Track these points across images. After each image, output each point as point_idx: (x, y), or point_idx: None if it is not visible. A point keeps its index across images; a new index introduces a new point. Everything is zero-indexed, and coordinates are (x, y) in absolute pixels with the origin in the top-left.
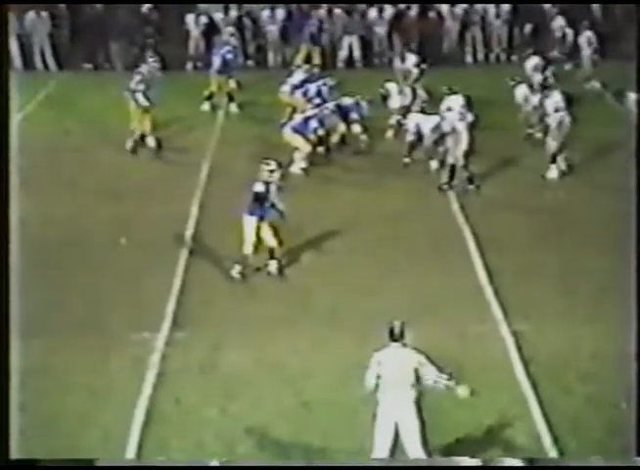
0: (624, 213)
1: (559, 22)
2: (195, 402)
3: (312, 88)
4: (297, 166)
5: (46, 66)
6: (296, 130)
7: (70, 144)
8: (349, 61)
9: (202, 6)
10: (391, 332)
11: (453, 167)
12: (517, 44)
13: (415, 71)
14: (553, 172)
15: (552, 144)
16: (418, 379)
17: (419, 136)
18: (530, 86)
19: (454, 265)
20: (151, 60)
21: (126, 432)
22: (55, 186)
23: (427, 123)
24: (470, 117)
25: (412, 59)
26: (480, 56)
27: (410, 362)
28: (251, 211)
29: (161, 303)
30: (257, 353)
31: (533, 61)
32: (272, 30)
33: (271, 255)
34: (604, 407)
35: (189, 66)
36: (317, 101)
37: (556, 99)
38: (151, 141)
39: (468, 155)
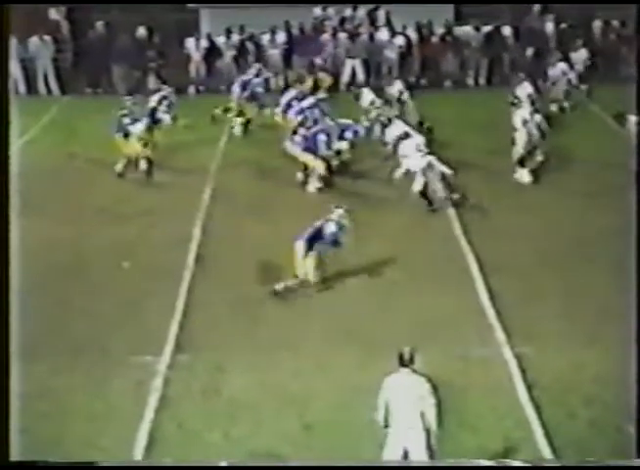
0: (626, 234)
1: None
2: (198, 426)
3: (303, 104)
4: (313, 186)
5: (49, 90)
6: (306, 149)
7: (73, 168)
8: (352, 84)
9: (203, 29)
10: (401, 358)
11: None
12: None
13: (403, 97)
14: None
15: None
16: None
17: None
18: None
19: (456, 288)
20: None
21: (128, 456)
22: (57, 210)
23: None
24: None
25: (398, 85)
26: (482, 80)
27: (419, 390)
28: (311, 244)
29: (164, 326)
30: (260, 377)
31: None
32: (273, 54)
33: (302, 283)
34: (608, 431)
35: (191, 89)
36: (306, 115)
37: (523, 113)
38: (143, 164)
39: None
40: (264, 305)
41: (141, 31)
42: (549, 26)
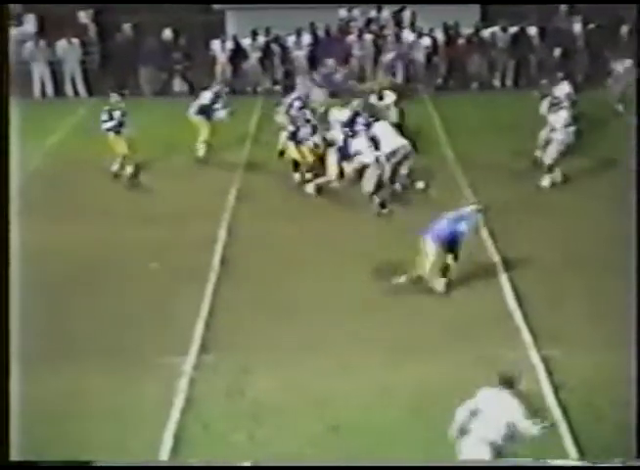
0: None
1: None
2: (222, 427)
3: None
4: (312, 188)
5: (76, 92)
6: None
7: (101, 169)
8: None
9: (229, 31)
10: (504, 378)
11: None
12: (547, 68)
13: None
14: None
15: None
16: (511, 433)
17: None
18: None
19: (482, 290)
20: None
21: (154, 457)
22: (85, 210)
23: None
24: None
25: (391, 97)
26: (509, 81)
27: (509, 415)
28: (442, 241)
29: (190, 326)
30: (286, 378)
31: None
32: (299, 56)
33: (443, 273)
34: (635, 433)
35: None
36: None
37: (564, 114)
38: (129, 168)
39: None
40: (290, 305)
41: (167, 33)
42: (577, 27)
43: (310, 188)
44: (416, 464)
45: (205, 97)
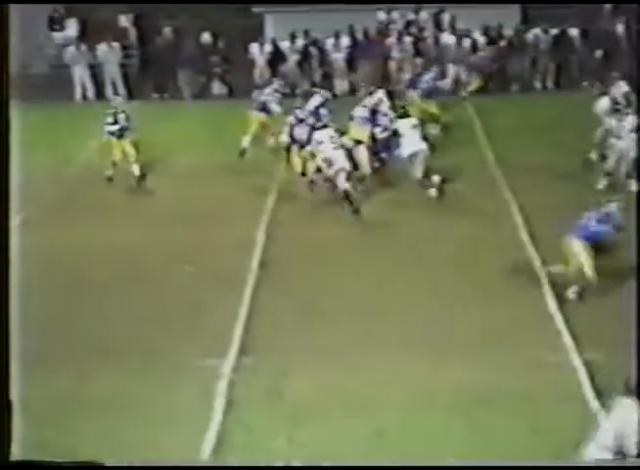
0: None
1: None
2: (262, 430)
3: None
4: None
5: (117, 95)
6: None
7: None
8: None
9: (267, 34)
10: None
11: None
12: (588, 70)
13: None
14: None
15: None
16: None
17: None
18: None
19: (523, 293)
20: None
21: (196, 459)
22: (122, 214)
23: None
24: None
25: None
26: (550, 83)
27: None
28: (588, 241)
29: (229, 329)
30: (325, 380)
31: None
32: (337, 58)
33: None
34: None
35: (255, 94)
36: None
37: (631, 122)
38: (136, 169)
39: None
40: (329, 308)
41: (206, 37)
42: (620, 28)
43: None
44: (416, 464)
45: (266, 93)
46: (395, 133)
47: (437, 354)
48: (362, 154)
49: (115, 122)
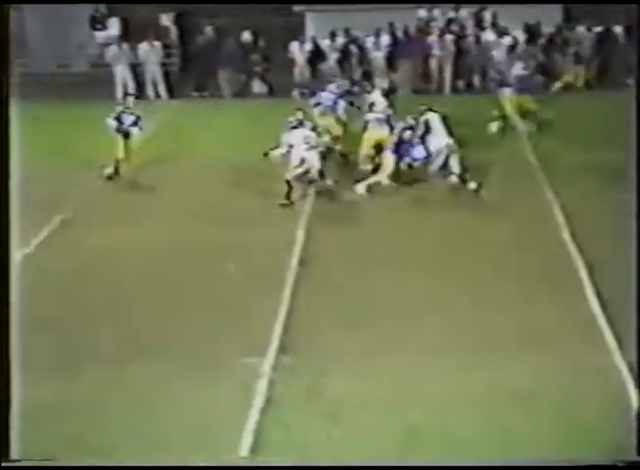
0: None
1: None
2: (301, 428)
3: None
4: (362, 188)
5: (157, 94)
6: (399, 155)
7: (180, 170)
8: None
9: (308, 33)
10: None
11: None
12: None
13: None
14: None
15: None
16: None
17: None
18: None
19: (565, 294)
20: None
21: (234, 457)
22: (165, 212)
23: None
24: None
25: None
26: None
27: None
28: None
29: (268, 328)
30: (364, 380)
31: None
32: (377, 57)
33: None
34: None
35: (295, 92)
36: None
37: None
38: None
39: None
40: (368, 307)
41: (246, 36)
42: None
43: (361, 188)
44: (416, 464)
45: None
46: (427, 128)
47: (475, 355)
48: (388, 158)
49: (120, 122)
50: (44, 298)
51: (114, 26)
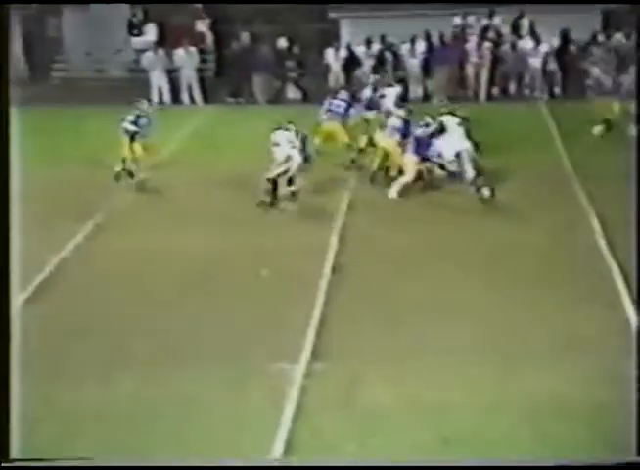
0: None
1: None
2: (334, 436)
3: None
4: (395, 191)
5: (192, 100)
6: (417, 152)
7: (214, 176)
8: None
9: (343, 39)
10: None
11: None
12: None
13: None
14: None
15: None
16: None
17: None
18: None
19: (601, 301)
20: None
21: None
22: (200, 218)
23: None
24: None
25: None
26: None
27: None
28: None
29: (301, 334)
30: (397, 387)
31: None
32: (413, 63)
33: None
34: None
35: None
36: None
37: None
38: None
39: None
40: (402, 314)
41: (282, 42)
42: None
43: (394, 192)
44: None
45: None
46: (442, 128)
47: (510, 362)
48: (409, 163)
49: (135, 125)
50: (78, 303)
51: (150, 32)
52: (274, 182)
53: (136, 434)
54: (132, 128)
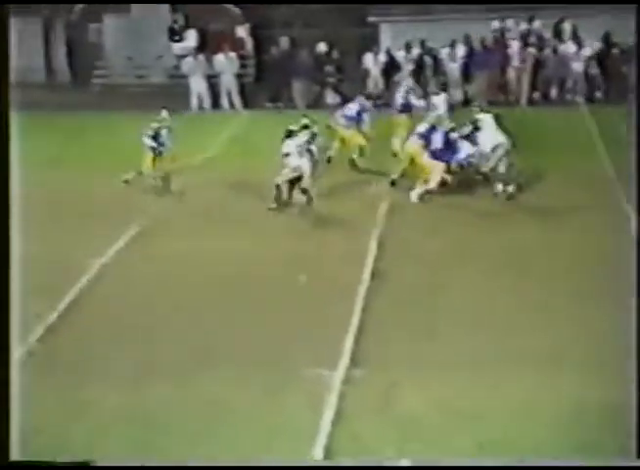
0: None
1: None
2: (372, 441)
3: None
4: (416, 195)
5: (232, 105)
6: (436, 156)
7: (253, 181)
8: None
9: (382, 44)
10: None
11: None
12: None
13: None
14: None
15: None
16: None
17: None
18: None
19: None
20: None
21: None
22: (233, 223)
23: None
24: None
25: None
26: None
27: None
28: None
29: (339, 340)
30: (435, 394)
31: None
32: (452, 68)
33: None
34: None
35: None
36: None
37: None
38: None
39: None
40: (441, 321)
41: (321, 47)
42: None
43: (414, 196)
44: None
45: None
46: (476, 127)
47: (544, 369)
48: (433, 165)
49: (156, 138)
50: (119, 306)
51: (191, 38)
52: (277, 187)
53: (172, 438)
54: (151, 144)
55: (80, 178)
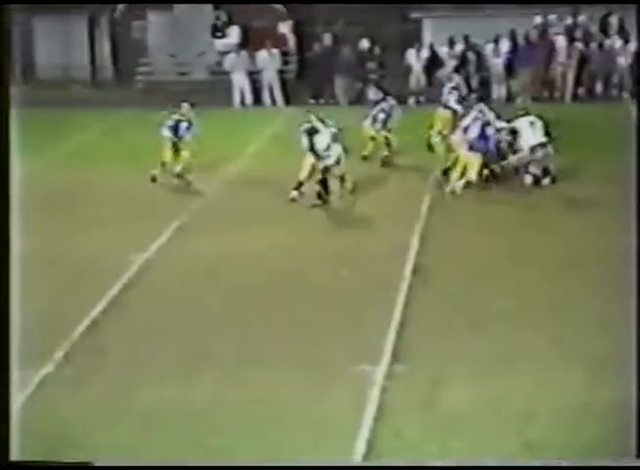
0: None
1: None
2: (415, 438)
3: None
4: (460, 185)
5: (274, 101)
6: (473, 148)
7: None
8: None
9: (425, 40)
10: None
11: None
12: None
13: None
14: None
15: None
16: None
17: None
18: None
19: None
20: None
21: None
22: (275, 219)
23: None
24: None
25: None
26: None
27: None
28: None
29: (381, 336)
30: (479, 391)
31: None
32: (496, 63)
33: None
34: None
35: (411, 100)
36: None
37: None
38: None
39: None
40: (484, 316)
41: (364, 43)
42: None
43: (458, 188)
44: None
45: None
46: (513, 131)
47: (593, 368)
48: (469, 157)
49: (176, 130)
50: (161, 302)
51: (233, 34)
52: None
53: (217, 435)
54: (168, 134)
55: (119, 175)
